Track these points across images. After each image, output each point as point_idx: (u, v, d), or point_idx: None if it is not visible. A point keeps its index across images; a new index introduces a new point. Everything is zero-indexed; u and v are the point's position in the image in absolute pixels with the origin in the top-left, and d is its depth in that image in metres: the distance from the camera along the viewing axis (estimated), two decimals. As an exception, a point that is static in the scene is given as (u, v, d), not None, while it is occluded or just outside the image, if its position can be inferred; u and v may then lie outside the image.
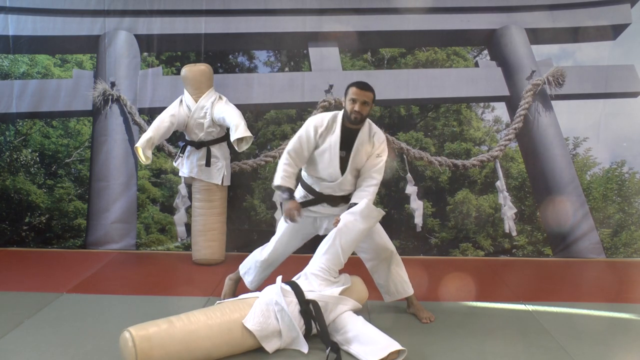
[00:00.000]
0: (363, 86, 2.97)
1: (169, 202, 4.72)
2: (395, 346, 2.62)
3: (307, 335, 2.80)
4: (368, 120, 3.07)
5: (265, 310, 2.75)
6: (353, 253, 3.03)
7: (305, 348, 2.75)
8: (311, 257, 3.00)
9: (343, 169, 3.02)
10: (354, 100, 2.94)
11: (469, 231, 4.67)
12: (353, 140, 3.01)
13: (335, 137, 3.00)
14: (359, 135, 3.01)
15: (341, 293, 2.88)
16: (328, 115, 3.07)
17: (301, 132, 3.06)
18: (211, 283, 3.76)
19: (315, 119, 3.07)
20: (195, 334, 2.58)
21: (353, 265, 3.14)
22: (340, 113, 3.05)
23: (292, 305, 2.77)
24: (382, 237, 3.15)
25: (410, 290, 3.22)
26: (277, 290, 2.80)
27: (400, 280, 3.20)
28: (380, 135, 3.08)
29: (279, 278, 2.89)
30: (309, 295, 2.81)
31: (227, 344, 2.66)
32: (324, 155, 3.02)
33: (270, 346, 2.72)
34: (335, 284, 2.92)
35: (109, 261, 4.37)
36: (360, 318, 2.85)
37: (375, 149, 3.04)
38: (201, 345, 2.59)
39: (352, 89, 2.97)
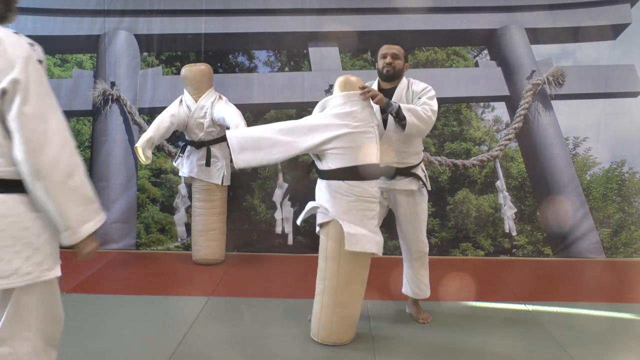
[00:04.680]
0: (390, 42, 2.99)
1: (169, 202, 4.72)
2: None
3: None
4: (409, 78, 3.01)
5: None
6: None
7: None
8: (312, 256, 2.97)
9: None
10: (384, 56, 2.95)
11: (469, 231, 4.67)
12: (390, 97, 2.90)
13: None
14: (395, 92, 2.96)
15: None
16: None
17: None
18: (211, 283, 3.76)
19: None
20: None
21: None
22: (376, 80, 3.03)
23: None
24: (422, 232, 3.11)
25: (425, 295, 3.19)
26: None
27: (416, 282, 3.16)
28: (419, 84, 2.99)
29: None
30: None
31: None
32: None
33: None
34: None
35: (109, 261, 4.37)
36: None
37: (415, 98, 2.94)
38: None
39: (381, 48, 2.98)
